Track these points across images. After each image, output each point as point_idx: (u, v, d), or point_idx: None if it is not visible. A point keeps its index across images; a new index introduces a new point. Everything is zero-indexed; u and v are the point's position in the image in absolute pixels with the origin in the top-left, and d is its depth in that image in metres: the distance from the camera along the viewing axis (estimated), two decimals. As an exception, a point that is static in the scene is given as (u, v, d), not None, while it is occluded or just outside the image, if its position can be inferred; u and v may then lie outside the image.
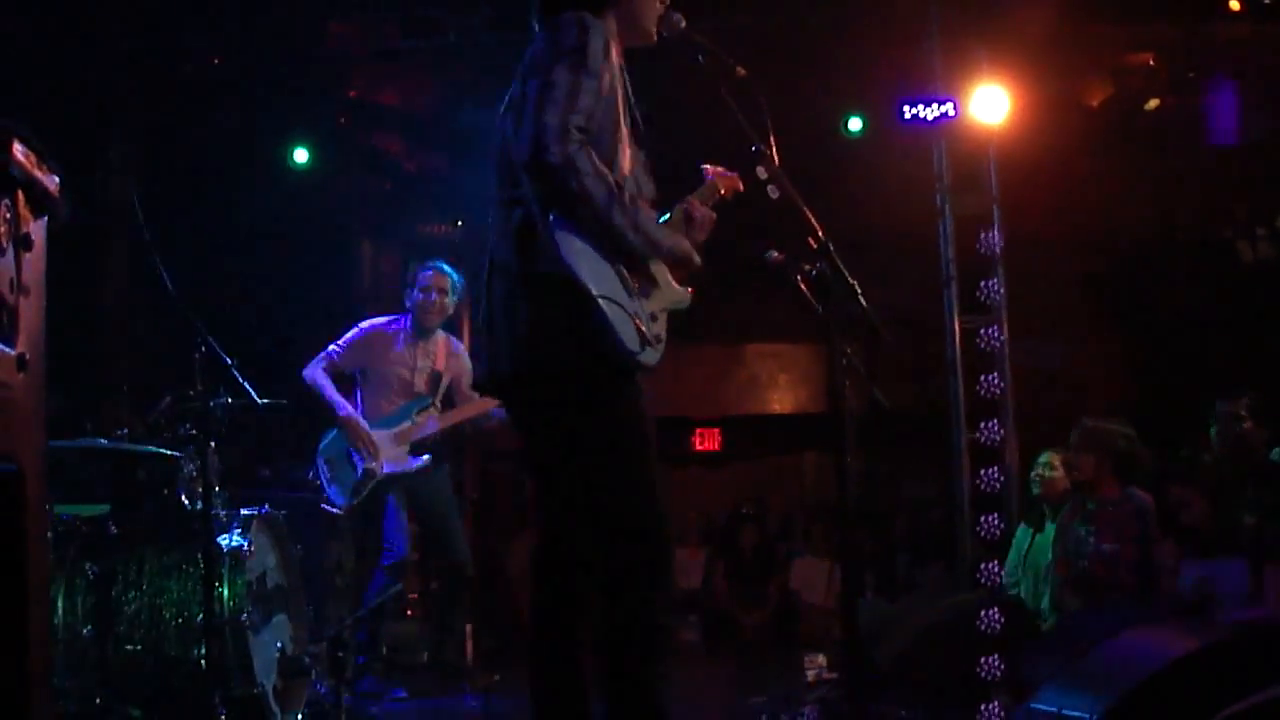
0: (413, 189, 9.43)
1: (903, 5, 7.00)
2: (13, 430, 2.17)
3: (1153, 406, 8.38)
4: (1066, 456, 6.04)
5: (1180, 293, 9.54)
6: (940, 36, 6.92)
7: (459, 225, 9.20)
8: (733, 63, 3.22)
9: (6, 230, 2.15)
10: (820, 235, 3.15)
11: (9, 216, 2.17)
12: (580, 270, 2.91)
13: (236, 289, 7.65)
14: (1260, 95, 8.14)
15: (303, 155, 8.30)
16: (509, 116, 3.11)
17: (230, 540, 4.66)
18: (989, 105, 6.70)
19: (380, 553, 5.87)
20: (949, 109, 6.72)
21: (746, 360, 11.91)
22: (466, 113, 8.22)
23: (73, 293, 6.74)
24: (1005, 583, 6.21)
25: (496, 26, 7.48)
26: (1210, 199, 9.22)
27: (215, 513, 4.61)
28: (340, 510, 5.88)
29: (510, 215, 3.06)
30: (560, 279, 2.92)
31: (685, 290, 3.27)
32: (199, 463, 4.61)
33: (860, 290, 3.15)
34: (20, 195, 2.22)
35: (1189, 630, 3.52)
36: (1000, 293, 6.64)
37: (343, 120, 8.73)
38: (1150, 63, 8.13)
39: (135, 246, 4.62)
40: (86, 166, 6.84)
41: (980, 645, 5.39)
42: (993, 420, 6.48)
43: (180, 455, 4.82)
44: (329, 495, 5.87)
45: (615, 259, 3.01)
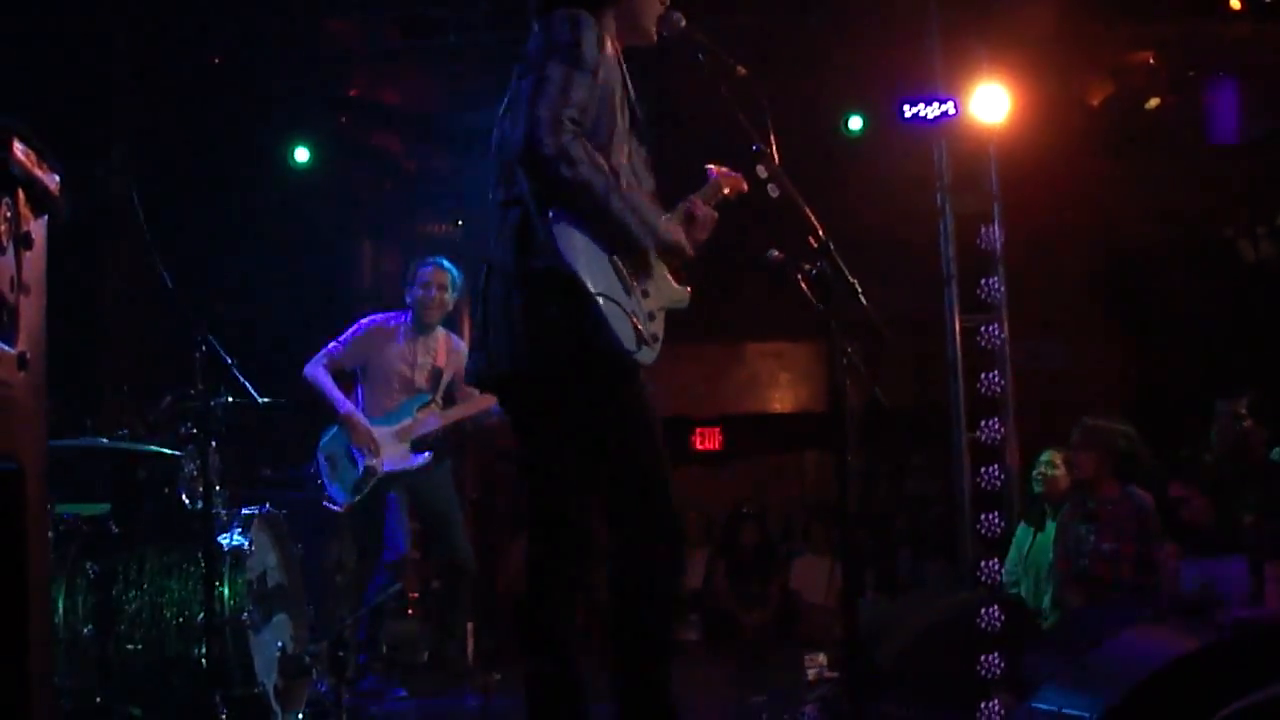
0: (413, 188, 9.43)
1: (903, 4, 7.00)
2: (13, 429, 2.17)
3: (1153, 405, 8.37)
4: (1068, 455, 6.04)
5: (1181, 292, 9.53)
6: (941, 36, 6.92)
7: (459, 224, 9.20)
8: (733, 62, 3.22)
9: (7, 229, 2.15)
10: (821, 234, 3.15)
11: (9, 215, 2.17)
12: (578, 268, 2.91)
13: (237, 288, 7.65)
14: (1261, 94, 8.14)
15: (303, 154, 8.30)
16: (507, 117, 3.12)
17: (231, 539, 4.66)
18: (989, 104, 6.70)
19: (381, 551, 5.87)
20: (949, 108, 6.72)
21: (747, 359, 11.90)
22: (467, 112, 8.22)
23: (73, 292, 6.74)
24: (1005, 581, 6.21)
25: (497, 26, 7.48)
26: (1211, 198, 9.21)
27: (216, 512, 4.61)
28: (341, 508, 5.88)
29: (508, 214, 3.07)
30: (558, 277, 2.92)
31: (684, 289, 3.27)
32: (199, 462, 4.61)
33: (861, 289, 3.15)
34: (20, 194, 2.22)
35: (1189, 629, 3.52)
36: (1000, 290, 6.64)
37: (343, 120, 8.73)
38: (1151, 62, 8.13)
39: (135, 246, 4.61)
40: (87, 165, 6.84)
41: (980, 643, 5.39)
42: (993, 418, 6.48)
43: (181, 454, 4.82)
44: (330, 493, 5.87)
45: (613, 257, 3.01)
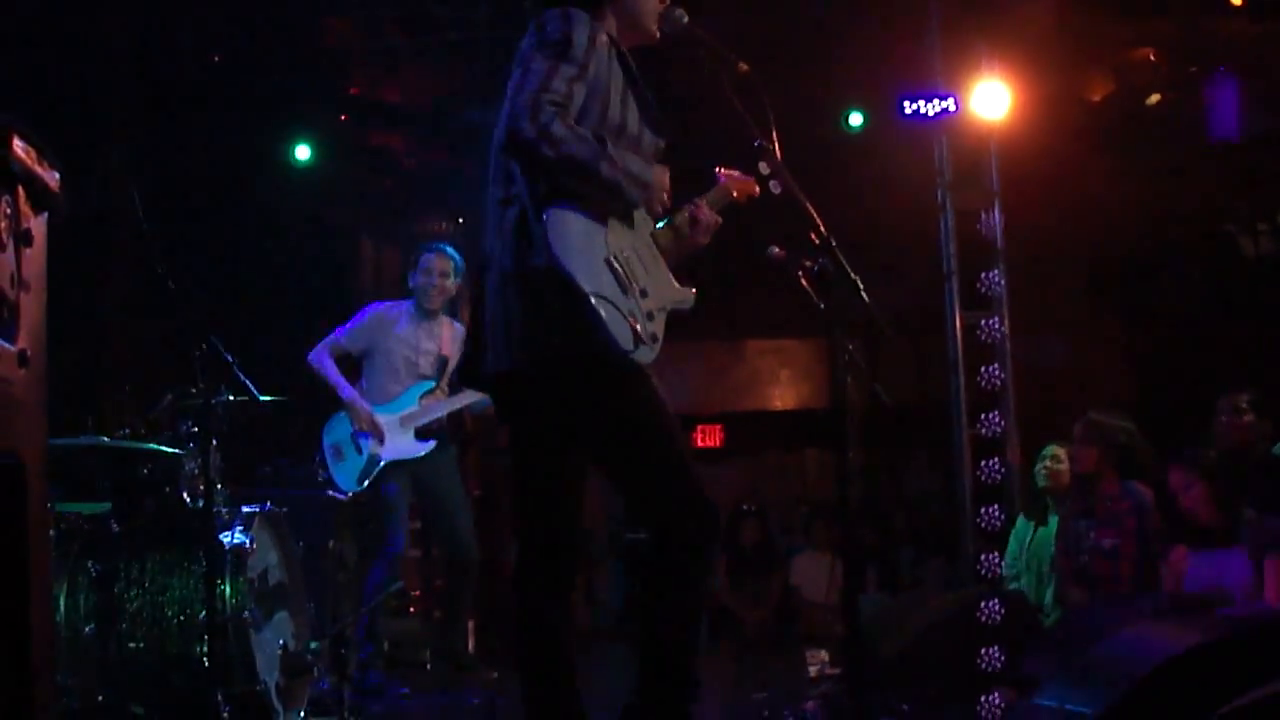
0: (413, 186, 9.42)
1: (903, 1, 7.00)
2: (14, 427, 2.16)
3: (1154, 401, 8.37)
4: (1071, 450, 6.05)
5: (1181, 288, 9.53)
6: (941, 32, 6.92)
7: (459, 222, 9.19)
8: (735, 58, 3.22)
9: (7, 226, 2.15)
10: (822, 231, 3.15)
11: (9, 212, 2.17)
12: (573, 268, 2.91)
13: (237, 286, 7.65)
14: (1261, 91, 8.13)
15: (304, 152, 8.30)
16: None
17: (232, 538, 4.65)
18: (990, 101, 6.70)
19: (382, 544, 5.87)
20: (950, 104, 6.72)
21: (748, 356, 11.90)
22: (468, 110, 8.22)
23: (74, 290, 6.74)
24: (1005, 575, 6.22)
25: (497, 24, 7.48)
26: (1212, 194, 9.20)
27: (217, 510, 4.61)
28: (346, 497, 5.91)
29: (506, 213, 3.07)
30: (553, 276, 2.92)
31: (688, 290, 3.27)
32: (200, 460, 4.61)
33: (862, 286, 3.15)
34: (21, 191, 2.22)
35: (1191, 625, 3.51)
36: (1001, 284, 6.65)
37: (344, 118, 8.73)
38: (1151, 58, 8.12)
39: (136, 244, 4.62)
40: (87, 163, 6.83)
41: (981, 637, 5.40)
42: (994, 412, 6.49)
43: (182, 453, 4.82)
44: (335, 481, 5.89)
45: (609, 256, 3.01)
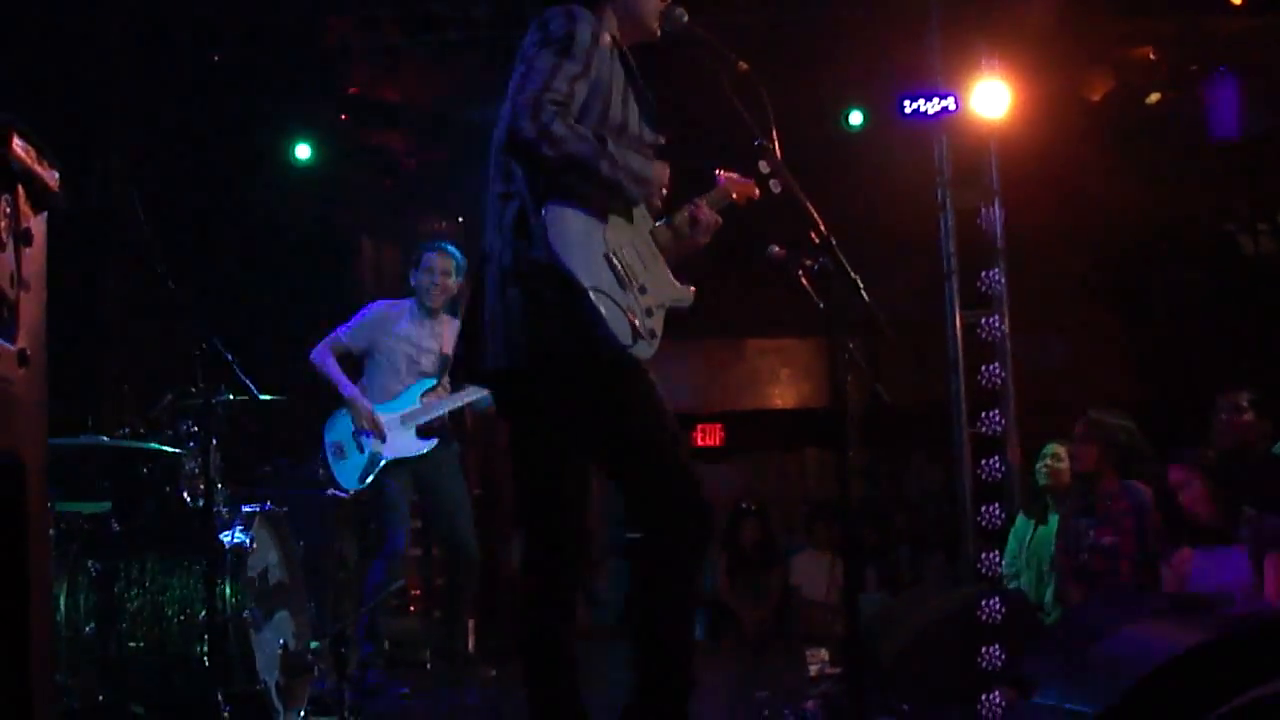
0: (414, 185, 9.42)
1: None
2: (14, 426, 2.16)
3: (1154, 400, 8.37)
4: (1071, 448, 6.05)
5: (1181, 287, 9.54)
6: (941, 31, 6.92)
7: (460, 222, 9.19)
8: (734, 57, 3.22)
9: (7, 225, 2.15)
10: (822, 230, 3.15)
11: (9, 211, 2.16)
12: (571, 262, 2.91)
13: (237, 285, 7.65)
14: (1261, 89, 8.13)
15: (304, 151, 8.29)
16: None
17: (232, 537, 4.66)
18: (990, 99, 6.69)
19: (382, 543, 5.88)
20: (950, 103, 6.71)
21: (747, 355, 11.89)
22: (468, 109, 8.22)
23: (74, 289, 6.74)
24: (1004, 573, 6.22)
25: (497, 23, 7.47)
26: (1212, 193, 9.21)
27: (217, 510, 4.61)
28: (348, 495, 5.91)
29: (506, 208, 3.07)
30: (552, 271, 2.93)
31: (687, 289, 3.27)
32: (200, 460, 4.61)
33: (862, 285, 3.15)
34: (20, 190, 2.21)
35: (1191, 625, 3.51)
36: (1001, 283, 6.65)
37: (343, 117, 8.73)
38: (1151, 57, 8.12)
39: (136, 243, 4.61)
40: (87, 163, 6.84)
41: (981, 636, 5.40)
42: (994, 410, 6.49)
43: (182, 452, 4.82)
44: (337, 479, 5.89)
45: (609, 252, 3.01)
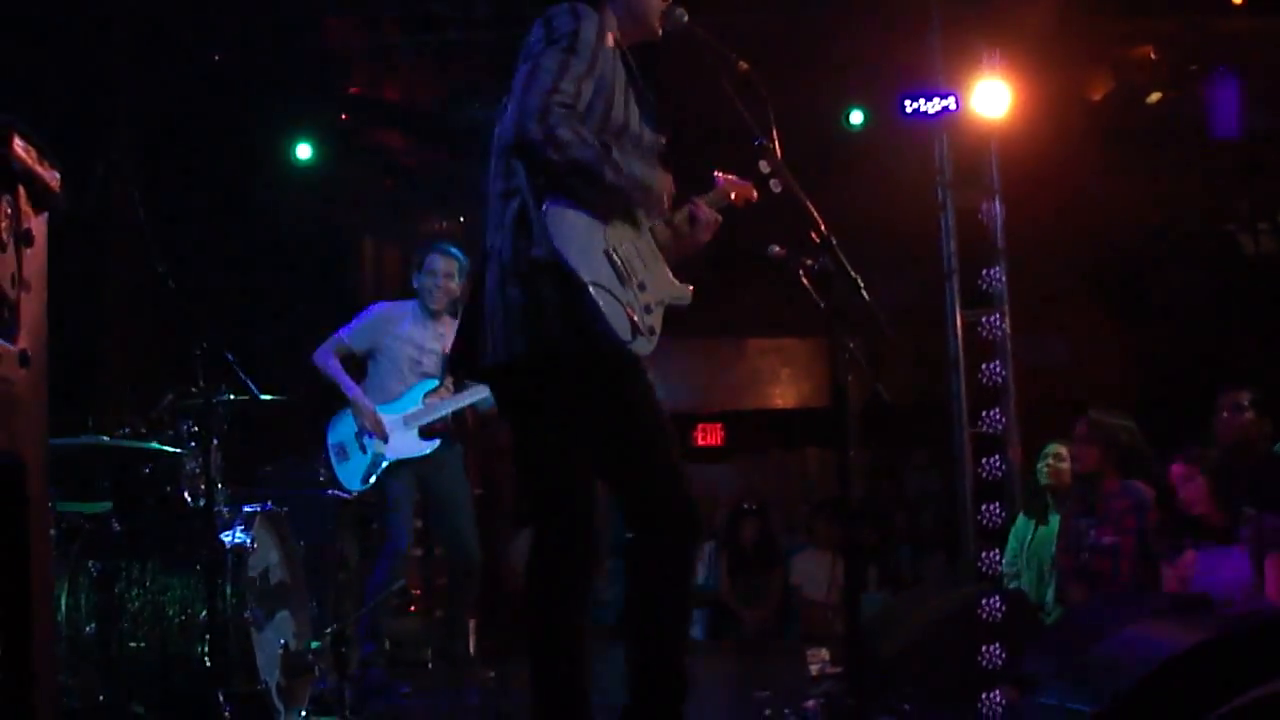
0: (414, 185, 9.43)
1: (904, -1, 7.01)
2: (15, 426, 2.16)
3: (1154, 399, 8.37)
4: (1072, 449, 6.05)
5: (1182, 286, 9.54)
6: (942, 30, 6.93)
7: (461, 221, 9.20)
8: (735, 57, 3.22)
9: (8, 225, 2.15)
10: (822, 229, 3.15)
11: (10, 212, 2.16)
12: (571, 258, 2.92)
13: (238, 285, 7.66)
14: (1262, 88, 8.14)
15: (305, 151, 8.30)
16: (506, 109, 3.12)
17: (233, 537, 4.65)
18: (991, 99, 6.70)
19: (385, 542, 5.89)
20: (950, 103, 6.72)
21: (748, 355, 11.90)
22: (468, 109, 8.22)
23: (74, 289, 6.74)
24: (1004, 573, 6.22)
25: (497, 22, 7.48)
26: (1212, 192, 9.22)
27: (218, 509, 4.61)
28: (352, 496, 5.93)
29: (508, 205, 3.07)
30: (552, 266, 2.93)
31: (686, 287, 3.27)
32: (201, 459, 4.61)
33: (862, 284, 3.15)
34: (21, 190, 2.21)
35: (1191, 625, 3.51)
36: (1002, 281, 6.65)
37: (344, 117, 8.73)
38: (1152, 56, 8.13)
39: (137, 243, 4.61)
40: (88, 163, 6.84)
41: (981, 634, 5.40)
42: (994, 409, 6.50)
43: (182, 452, 4.82)
44: (340, 480, 5.90)
45: (608, 249, 3.01)
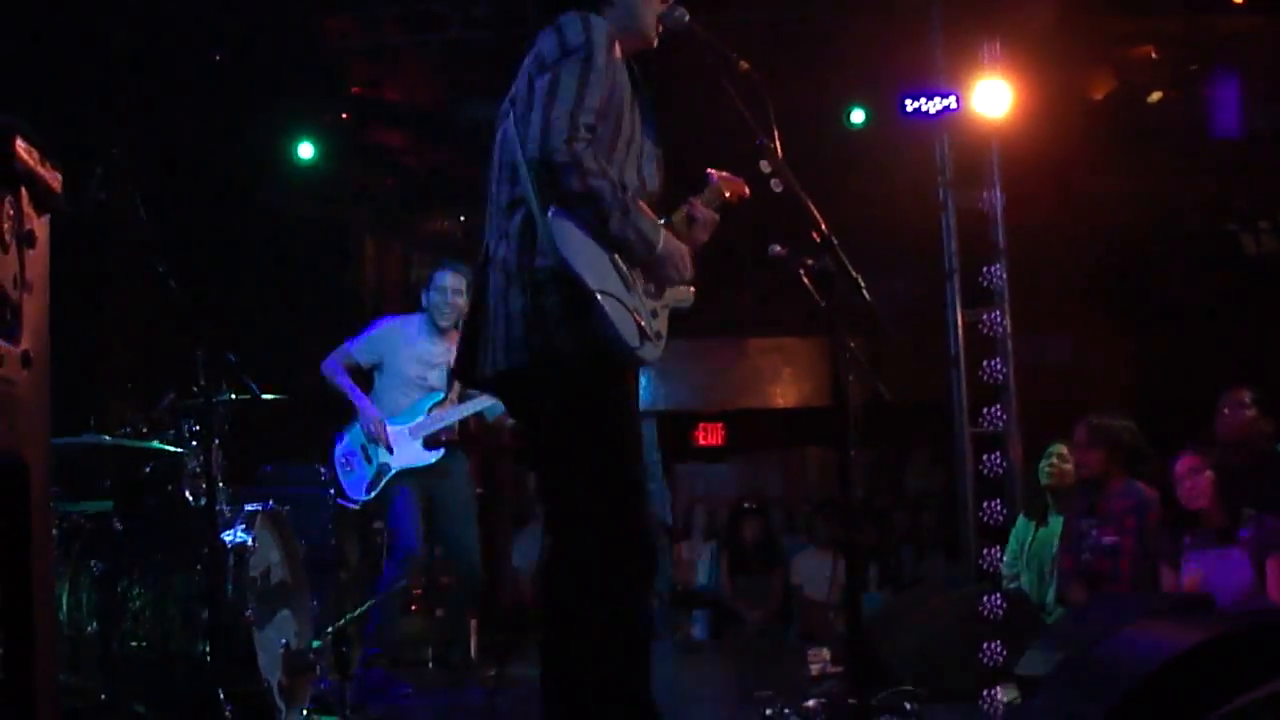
0: (415, 184, 9.43)
1: (905, -2, 7.01)
2: (17, 426, 2.17)
3: (1155, 398, 8.37)
4: (1074, 451, 6.05)
5: (1183, 286, 9.54)
6: (943, 29, 6.93)
7: (461, 221, 9.20)
8: (735, 56, 3.21)
9: (10, 227, 2.15)
10: (823, 229, 3.15)
11: (13, 213, 2.17)
12: (578, 266, 2.91)
13: (239, 285, 7.66)
14: (1263, 88, 8.14)
15: (308, 150, 8.30)
16: (510, 114, 3.11)
17: (234, 536, 4.65)
18: (992, 98, 6.69)
19: (394, 547, 5.92)
20: (951, 102, 6.72)
21: (749, 354, 11.89)
22: (469, 108, 8.22)
23: (76, 290, 6.74)
24: (1005, 574, 6.22)
25: (498, 22, 7.48)
26: (1213, 192, 9.22)
27: (219, 509, 4.61)
28: (356, 505, 5.99)
29: (512, 213, 3.06)
30: (559, 275, 2.92)
31: (688, 289, 3.27)
32: (202, 459, 4.61)
33: (863, 284, 3.15)
34: (24, 192, 2.22)
35: (1191, 625, 3.51)
36: (1003, 278, 6.66)
37: (345, 116, 8.74)
38: (1153, 55, 8.13)
39: (137, 244, 4.62)
40: (88, 163, 6.83)
41: (983, 632, 5.41)
42: (996, 405, 6.51)
43: (184, 451, 4.82)
44: (345, 490, 5.96)
45: (613, 254, 3.01)
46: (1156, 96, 8.18)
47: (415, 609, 7.34)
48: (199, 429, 4.77)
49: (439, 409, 5.95)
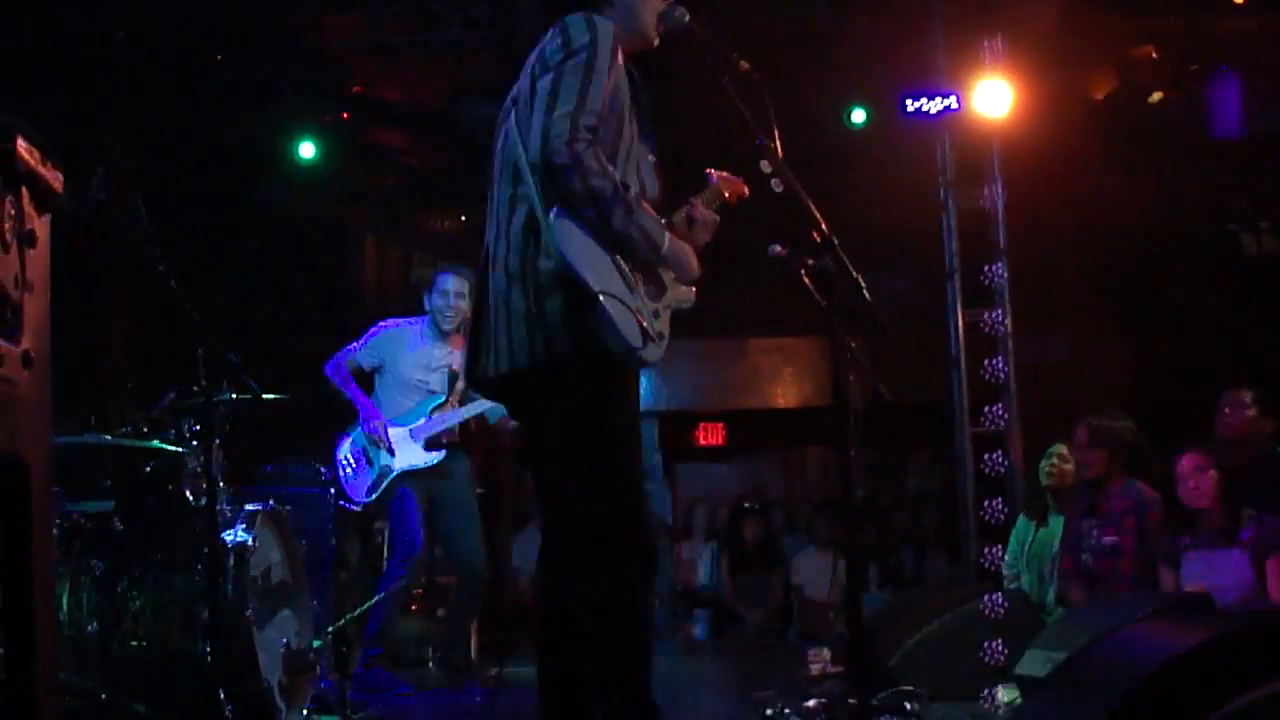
0: (415, 184, 9.43)
1: (906, -2, 7.01)
2: (18, 426, 2.17)
3: (1155, 398, 8.37)
4: (1075, 451, 6.05)
5: (1184, 286, 9.54)
6: (944, 29, 6.93)
7: (462, 220, 9.20)
8: (736, 56, 3.21)
9: (11, 227, 2.15)
10: (823, 228, 3.14)
11: (14, 213, 2.17)
12: (581, 267, 2.91)
13: (240, 284, 7.66)
14: (1263, 88, 8.14)
15: (308, 150, 8.30)
16: (512, 114, 3.11)
17: (234, 536, 4.65)
18: (993, 98, 6.69)
19: (396, 546, 5.93)
20: (952, 102, 6.72)
21: (750, 354, 11.89)
22: (469, 107, 8.22)
23: (76, 290, 6.73)
24: (1005, 574, 6.22)
25: (499, 21, 7.48)
26: (1214, 192, 9.21)
27: (219, 508, 4.60)
28: (358, 507, 6.03)
29: (513, 214, 3.06)
30: (561, 276, 2.92)
31: (689, 289, 3.27)
32: (203, 458, 4.61)
33: (864, 284, 3.14)
34: (25, 192, 2.22)
35: (1191, 625, 3.51)
36: (1004, 277, 6.66)
37: (345, 116, 8.74)
38: (1154, 56, 8.13)
39: (138, 243, 4.61)
40: (89, 163, 6.83)
41: (983, 632, 5.41)
42: (997, 405, 6.51)
43: (184, 451, 4.82)
44: (347, 492, 6.00)
45: (615, 255, 3.01)
46: (1157, 97, 8.18)
47: (415, 609, 7.35)
48: (199, 429, 4.77)
49: (440, 411, 5.97)
